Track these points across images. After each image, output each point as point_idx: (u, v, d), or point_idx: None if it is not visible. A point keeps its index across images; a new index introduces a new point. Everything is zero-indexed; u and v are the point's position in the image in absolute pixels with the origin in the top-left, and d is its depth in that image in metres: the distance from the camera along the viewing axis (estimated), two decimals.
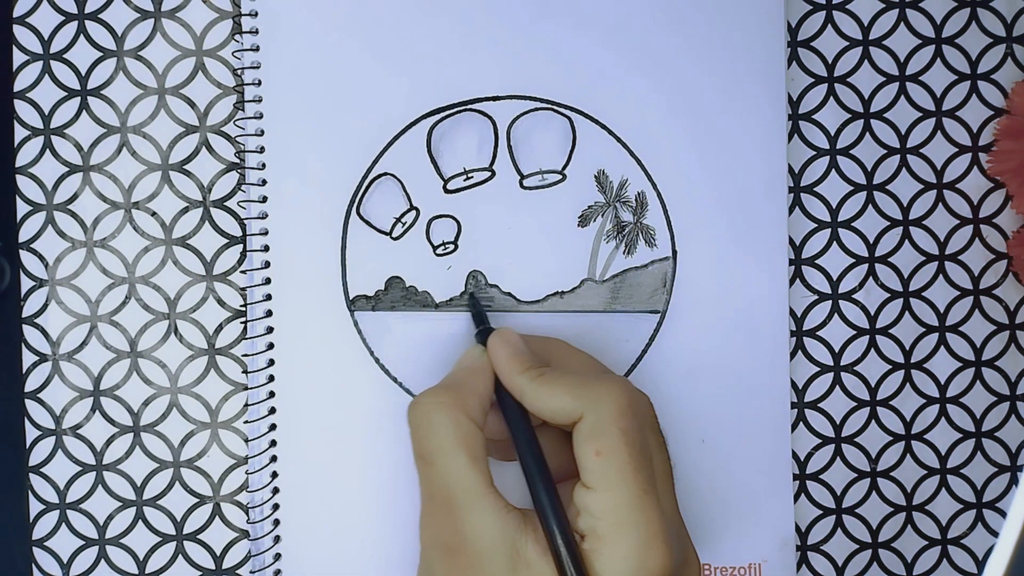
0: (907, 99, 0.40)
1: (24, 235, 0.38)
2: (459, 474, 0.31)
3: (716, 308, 0.39)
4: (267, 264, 0.38)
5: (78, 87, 0.38)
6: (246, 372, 0.38)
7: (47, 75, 0.38)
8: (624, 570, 0.29)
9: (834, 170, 0.40)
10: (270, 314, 0.38)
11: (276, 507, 0.38)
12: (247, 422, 0.38)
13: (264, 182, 0.38)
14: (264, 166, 0.38)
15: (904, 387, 0.40)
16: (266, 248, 0.38)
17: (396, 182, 0.38)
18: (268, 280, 0.38)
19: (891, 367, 0.40)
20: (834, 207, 0.40)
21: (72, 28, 0.38)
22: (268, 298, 0.38)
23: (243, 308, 0.38)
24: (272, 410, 0.38)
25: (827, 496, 0.40)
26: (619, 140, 0.38)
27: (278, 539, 0.38)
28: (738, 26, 0.38)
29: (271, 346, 0.38)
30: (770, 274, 0.39)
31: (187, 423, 0.38)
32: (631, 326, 0.39)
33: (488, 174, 0.38)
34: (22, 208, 0.38)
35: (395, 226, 0.38)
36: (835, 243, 0.40)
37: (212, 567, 0.39)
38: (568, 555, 0.29)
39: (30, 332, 0.38)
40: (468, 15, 0.38)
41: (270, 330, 0.38)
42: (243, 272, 0.38)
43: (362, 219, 0.38)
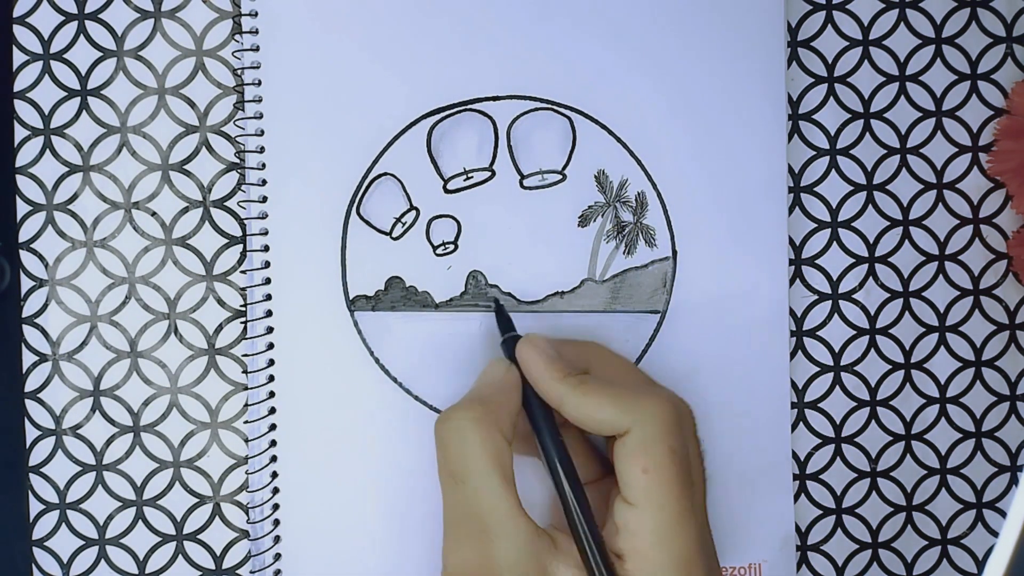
0: (907, 99, 0.40)
1: (24, 235, 0.38)
2: (492, 495, 0.29)
3: (716, 308, 0.39)
4: (267, 264, 0.38)
5: (78, 87, 0.38)
6: (246, 372, 0.38)
7: (47, 75, 0.38)
8: None
9: (834, 170, 0.40)
10: (270, 314, 0.38)
11: (276, 507, 0.38)
12: (247, 422, 0.38)
13: (264, 182, 0.38)
14: (264, 166, 0.38)
15: (904, 387, 0.40)
16: (266, 248, 0.38)
17: (396, 182, 0.38)
18: (268, 280, 0.38)
19: (891, 367, 0.40)
20: (834, 207, 0.40)
21: (72, 28, 0.38)
22: (268, 298, 0.38)
23: (243, 308, 0.38)
24: (272, 410, 0.38)
25: (827, 496, 0.40)
26: (619, 140, 0.38)
27: (278, 539, 0.38)
28: (738, 26, 0.38)
29: (271, 346, 0.38)
30: (770, 274, 0.39)
31: (187, 423, 0.38)
32: (631, 326, 0.39)
33: (488, 174, 0.38)
34: (22, 208, 0.38)
35: (395, 226, 0.38)
36: (835, 243, 0.40)
37: (212, 567, 0.39)
38: None
39: (30, 332, 0.38)
40: (468, 15, 0.38)
41: (270, 330, 0.38)
42: (243, 272, 0.38)
43: (362, 219, 0.38)
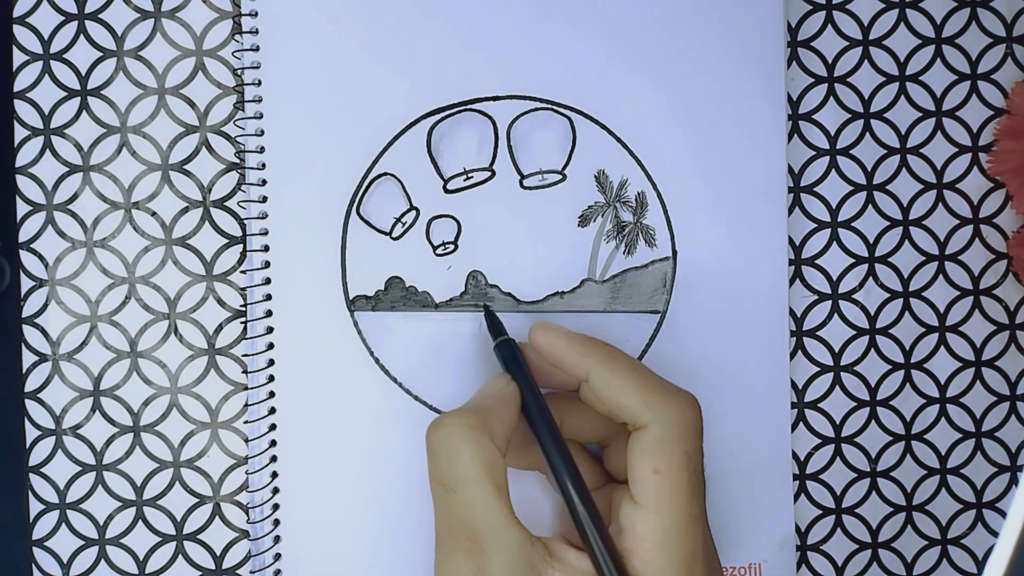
0: (907, 99, 0.40)
1: (24, 235, 0.38)
2: (484, 505, 0.29)
3: (716, 308, 0.39)
4: (267, 264, 0.38)
5: (78, 87, 0.38)
6: (246, 372, 0.38)
7: (47, 75, 0.38)
8: None
9: (834, 170, 0.40)
10: (270, 314, 0.38)
11: (276, 507, 0.38)
12: (247, 422, 0.38)
13: (264, 182, 0.38)
14: (264, 166, 0.38)
15: (904, 387, 0.40)
16: (266, 248, 0.38)
17: (396, 182, 0.38)
18: (268, 280, 0.38)
19: (891, 367, 0.40)
20: (834, 207, 0.40)
21: (72, 28, 0.38)
22: (268, 298, 0.38)
23: (243, 308, 0.38)
24: (272, 410, 0.38)
25: (827, 496, 0.40)
26: (619, 140, 0.38)
27: (278, 539, 0.38)
28: (738, 26, 0.38)
29: (271, 346, 0.38)
30: (770, 274, 0.39)
31: (187, 423, 0.38)
32: (631, 326, 0.39)
33: (488, 174, 0.38)
34: (22, 208, 0.38)
35: (395, 226, 0.38)
36: (835, 243, 0.40)
37: (212, 567, 0.39)
38: None
39: (30, 332, 0.38)
40: (468, 15, 0.38)
41: (270, 330, 0.38)
42: (243, 272, 0.38)
43: (362, 219, 0.38)
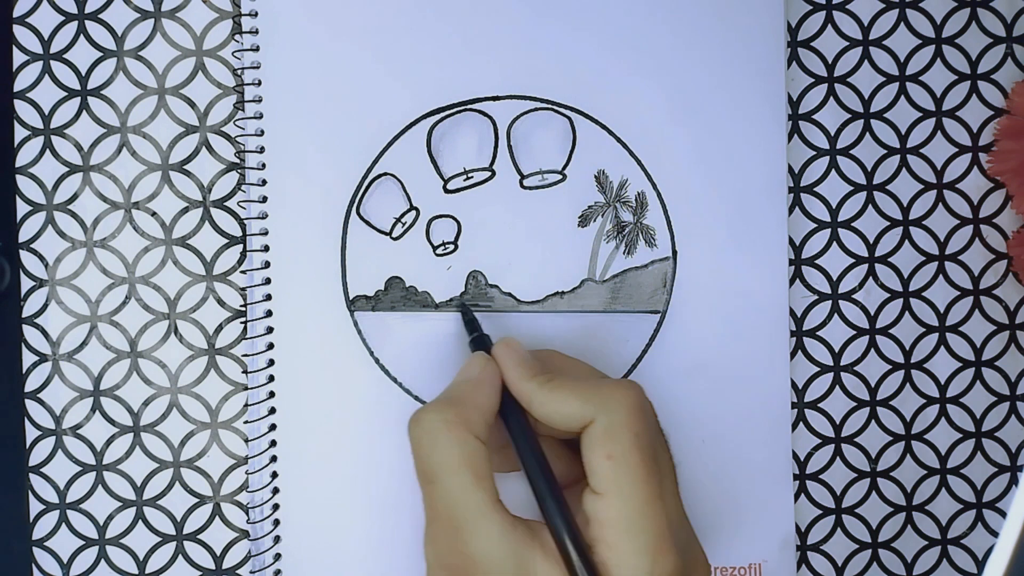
0: (907, 99, 0.40)
1: (24, 235, 0.38)
2: (463, 493, 0.30)
3: (716, 308, 0.39)
4: (267, 264, 0.38)
5: (78, 87, 0.38)
6: (246, 372, 0.38)
7: (47, 75, 0.38)
8: None
9: (834, 170, 0.40)
10: (270, 314, 0.38)
11: (276, 507, 0.38)
12: (247, 422, 0.38)
13: (264, 182, 0.38)
14: (264, 166, 0.38)
15: (904, 387, 0.40)
16: (266, 248, 0.38)
17: (396, 182, 0.38)
18: (268, 280, 0.38)
19: (891, 367, 0.40)
20: (834, 207, 0.40)
21: (72, 28, 0.38)
22: (268, 298, 0.38)
23: (243, 308, 0.38)
24: (272, 410, 0.38)
25: (827, 496, 0.40)
26: (619, 140, 0.38)
27: (278, 539, 0.38)
28: (738, 26, 0.38)
29: (271, 346, 0.38)
30: (770, 274, 0.39)
31: (187, 423, 0.38)
32: (631, 326, 0.39)
33: (488, 174, 0.38)
34: (22, 208, 0.38)
35: (395, 226, 0.38)
36: (835, 243, 0.40)
37: (212, 567, 0.39)
38: (584, 567, 0.29)
39: (30, 332, 0.38)
40: (468, 15, 0.38)
41: (270, 330, 0.38)
42: (243, 272, 0.38)
43: (362, 219, 0.38)
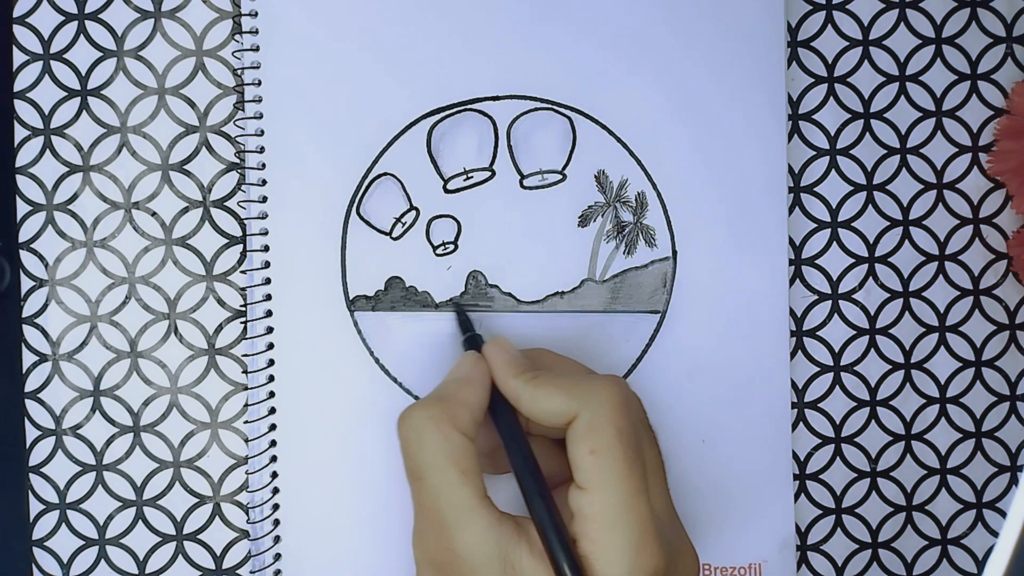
0: (907, 99, 0.40)
1: (24, 235, 0.38)
2: (449, 490, 0.30)
3: (716, 308, 0.39)
4: (267, 264, 0.38)
5: (78, 87, 0.38)
6: (246, 372, 0.38)
7: (47, 75, 0.38)
8: (617, 572, 0.28)
9: (834, 170, 0.40)
10: (270, 314, 0.38)
11: (276, 507, 0.38)
12: (247, 422, 0.38)
13: (264, 182, 0.38)
14: (264, 166, 0.38)
15: (904, 387, 0.40)
16: (266, 248, 0.38)
17: (396, 182, 0.38)
18: (268, 280, 0.38)
19: (891, 367, 0.40)
20: (834, 207, 0.40)
21: (72, 28, 0.38)
22: (268, 298, 0.38)
23: (243, 308, 0.38)
24: (272, 410, 0.38)
25: (827, 496, 0.40)
26: (619, 140, 0.38)
27: (278, 539, 0.38)
28: (738, 26, 0.38)
29: (271, 346, 0.38)
30: (770, 274, 0.39)
31: (187, 423, 0.38)
32: (631, 326, 0.39)
33: (488, 174, 0.38)
34: (22, 208, 0.38)
35: (395, 226, 0.38)
36: (835, 243, 0.40)
37: (212, 567, 0.39)
38: (568, 562, 0.29)
39: (30, 332, 0.38)
40: (468, 15, 0.38)
41: (270, 330, 0.38)
42: (243, 272, 0.38)
43: (362, 219, 0.38)
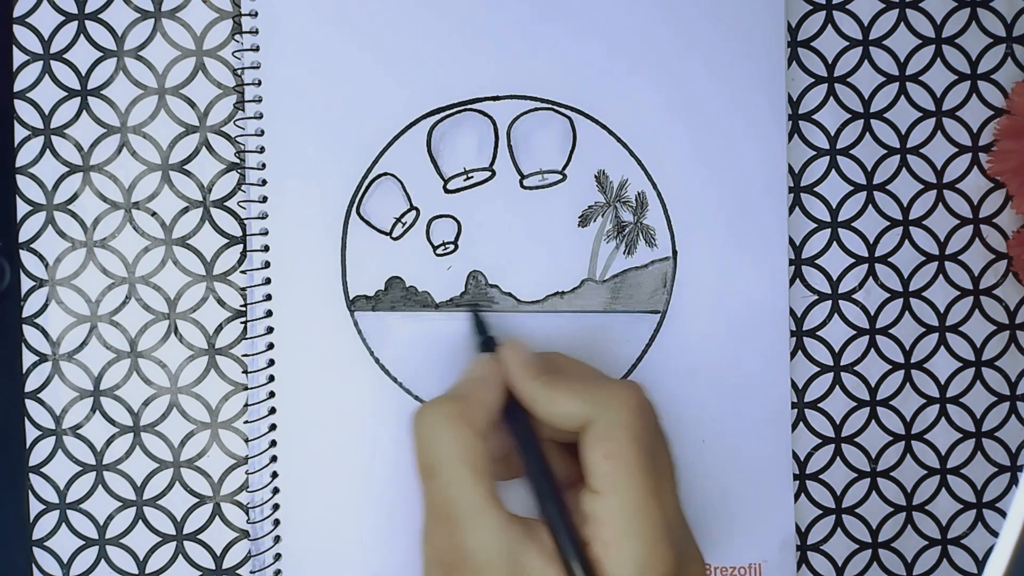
0: (907, 99, 0.40)
1: (24, 235, 0.38)
2: (461, 488, 0.30)
3: (716, 308, 0.39)
4: (267, 264, 0.38)
5: (78, 87, 0.38)
6: (246, 372, 0.38)
7: (47, 75, 0.38)
8: (628, 575, 0.29)
9: (834, 170, 0.40)
10: (270, 314, 0.38)
11: (276, 507, 0.38)
12: (247, 422, 0.38)
13: (264, 182, 0.38)
14: (264, 166, 0.38)
15: (904, 387, 0.40)
16: (266, 248, 0.38)
17: (396, 182, 0.38)
18: (268, 280, 0.38)
19: (891, 367, 0.40)
20: (834, 207, 0.40)
21: (72, 28, 0.38)
22: (268, 298, 0.38)
23: (243, 308, 0.38)
24: (272, 410, 0.38)
25: (827, 496, 0.40)
26: (619, 140, 0.38)
27: (278, 539, 0.38)
28: (738, 26, 0.38)
29: (271, 346, 0.38)
30: (770, 274, 0.39)
31: (187, 423, 0.38)
32: (631, 326, 0.39)
33: (488, 174, 0.38)
34: (22, 208, 0.38)
35: (395, 226, 0.38)
36: (835, 243, 0.40)
37: (212, 567, 0.39)
38: (580, 565, 0.29)
39: (30, 332, 0.38)
40: (468, 15, 0.38)
41: (270, 330, 0.38)
42: (243, 272, 0.38)
43: (362, 219, 0.38)
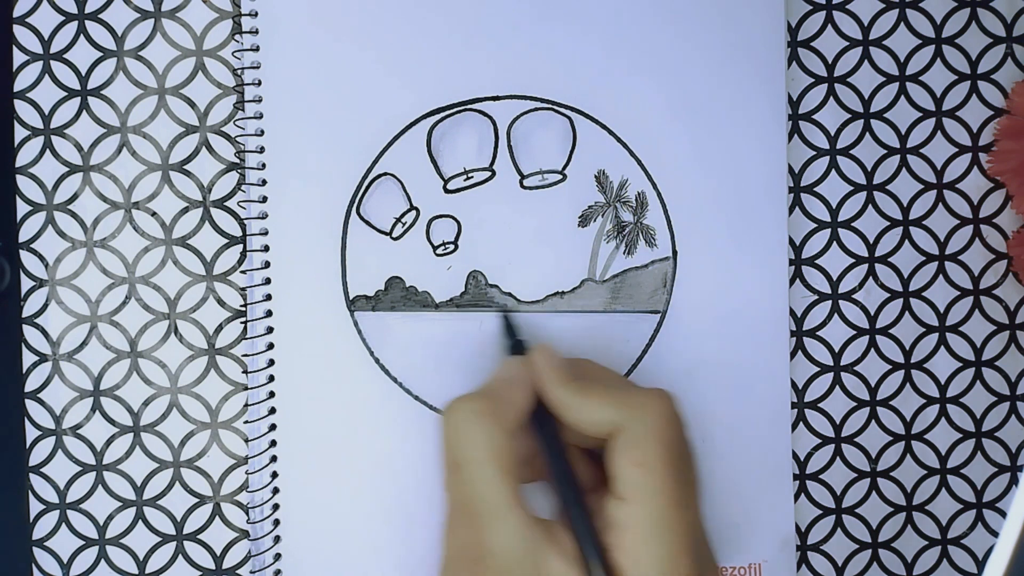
0: (907, 99, 0.40)
1: (24, 235, 0.38)
2: (486, 485, 0.30)
3: (716, 308, 0.39)
4: (267, 264, 0.38)
5: (78, 87, 0.38)
6: (246, 372, 0.38)
7: (47, 75, 0.38)
8: None
9: (834, 170, 0.40)
10: (270, 314, 0.38)
11: (276, 507, 0.38)
12: (247, 422, 0.38)
13: (264, 182, 0.38)
14: (264, 166, 0.38)
15: (904, 387, 0.40)
16: (266, 248, 0.38)
17: (396, 182, 0.38)
18: (268, 280, 0.38)
19: (891, 367, 0.40)
20: (834, 207, 0.40)
21: (72, 28, 0.38)
22: (268, 298, 0.38)
23: (243, 308, 0.38)
24: (272, 410, 0.38)
25: (827, 496, 0.40)
26: (619, 140, 0.38)
27: (278, 539, 0.38)
28: (738, 26, 0.38)
29: (271, 346, 0.38)
30: (770, 274, 0.39)
31: (187, 423, 0.38)
32: (631, 326, 0.39)
33: (488, 174, 0.38)
34: (22, 208, 0.38)
35: (395, 226, 0.38)
36: (835, 243, 0.40)
37: (212, 567, 0.39)
38: (602, 571, 0.29)
39: (30, 332, 0.38)
40: (468, 15, 0.38)
41: (270, 330, 0.38)
42: (243, 272, 0.38)
43: (362, 219, 0.38)
